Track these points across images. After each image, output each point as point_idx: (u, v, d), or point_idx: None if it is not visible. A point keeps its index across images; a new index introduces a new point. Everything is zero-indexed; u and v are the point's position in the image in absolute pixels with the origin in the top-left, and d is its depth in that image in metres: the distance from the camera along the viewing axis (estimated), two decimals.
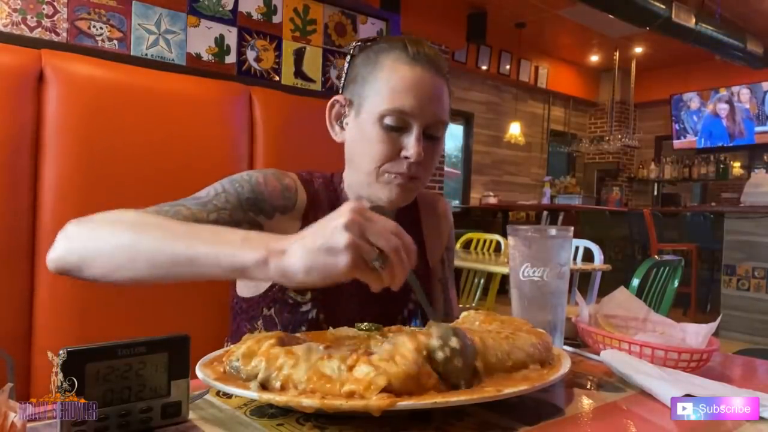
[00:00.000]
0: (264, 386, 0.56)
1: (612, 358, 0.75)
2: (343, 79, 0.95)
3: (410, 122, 0.85)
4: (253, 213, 0.86)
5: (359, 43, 0.94)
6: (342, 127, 0.94)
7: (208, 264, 0.61)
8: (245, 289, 0.95)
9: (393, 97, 0.84)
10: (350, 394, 0.52)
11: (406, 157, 0.85)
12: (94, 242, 0.69)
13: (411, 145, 0.84)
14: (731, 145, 7.85)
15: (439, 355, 0.56)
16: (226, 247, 0.60)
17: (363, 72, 0.89)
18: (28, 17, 1.22)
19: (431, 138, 0.88)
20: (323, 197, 0.94)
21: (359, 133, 0.89)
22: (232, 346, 0.63)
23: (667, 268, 2.55)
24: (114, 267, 0.67)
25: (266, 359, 0.56)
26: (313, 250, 0.55)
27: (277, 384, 0.55)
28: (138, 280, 0.67)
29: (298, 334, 0.71)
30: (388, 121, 0.84)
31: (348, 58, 0.95)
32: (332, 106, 0.94)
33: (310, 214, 0.90)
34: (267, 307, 0.91)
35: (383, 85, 0.85)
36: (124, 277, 0.67)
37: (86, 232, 0.71)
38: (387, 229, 0.57)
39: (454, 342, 0.57)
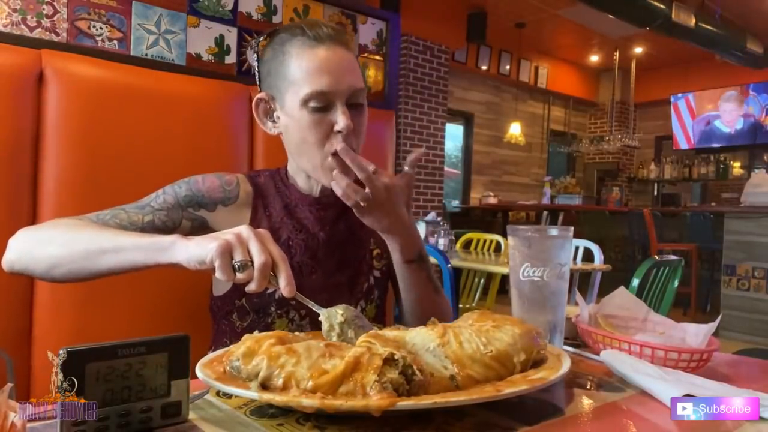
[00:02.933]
0: (265, 385, 0.56)
1: (612, 358, 0.75)
2: (256, 76, 0.99)
3: (332, 99, 0.89)
4: (192, 209, 0.94)
5: (260, 38, 0.98)
6: (274, 122, 0.97)
7: (131, 248, 0.75)
8: (218, 288, 1.00)
9: (309, 81, 0.88)
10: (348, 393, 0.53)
11: (339, 131, 0.89)
12: (38, 245, 0.82)
13: (340, 119, 0.89)
14: (731, 145, 7.84)
15: (333, 336, 0.68)
16: (143, 242, 0.76)
17: (274, 65, 0.93)
18: (28, 17, 1.22)
19: (355, 106, 0.92)
20: (270, 187, 1.01)
21: (291, 123, 0.93)
22: (231, 346, 0.63)
23: (667, 268, 2.55)
24: (54, 263, 0.80)
25: (267, 357, 0.56)
26: (201, 242, 0.70)
27: (279, 382, 0.55)
28: (74, 272, 0.79)
29: (297, 333, 0.71)
30: (312, 104, 0.89)
31: (255, 56, 0.99)
32: (257, 104, 0.98)
33: (259, 202, 0.99)
34: (238, 298, 0.97)
35: (296, 72, 0.89)
36: (63, 270, 0.80)
37: (32, 238, 0.83)
38: (264, 248, 0.69)
39: (339, 318, 0.69)
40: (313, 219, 1.00)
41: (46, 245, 0.81)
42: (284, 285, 0.69)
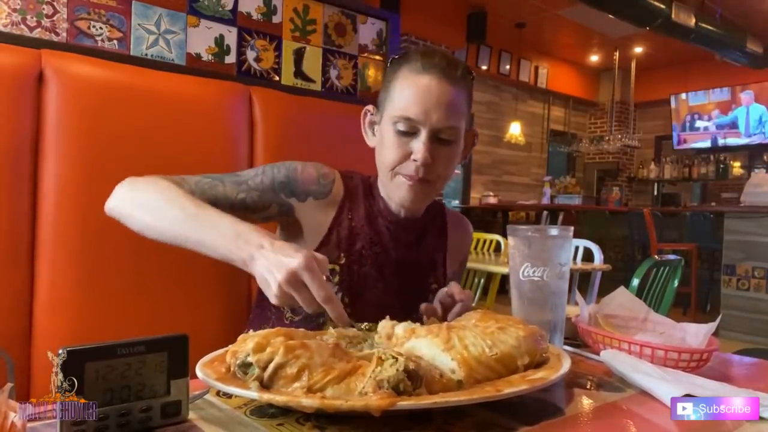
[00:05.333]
0: (266, 384, 0.56)
1: (612, 358, 0.75)
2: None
3: (418, 128, 0.91)
4: (284, 195, 0.96)
5: (396, 56, 1.00)
6: (374, 133, 1.01)
7: (208, 248, 0.79)
8: None
9: (402, 104, 0.91)
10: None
11: (415, 160, 0.92)
12: (135, 206, 0.87)
13: (418, 149, 0.91)
14: (731, 145, 7.84)
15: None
16: (221, 240, 0.78)
17: (386, 82, 0.97)
18: (28, 17, 1.22)
19: (443, 142, 0.93)
20: (360, 193, 1.03)
21: (380, 138, 0.97)
22: (230, 346, 0.63)
23: (667, 268, 2.55)
24: (145, 228, 0.86)
25: (284, 347, 0.57)
26: (268, 269, 0.72)
27: (294, 369, 0.56)
28: (161, 240, 0.85)
29: (300, 330, 0.71)
30: (399, 126, 0.92)
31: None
32: (365, 115, 1.03)
33: (346, 205, 1.00)
34: None
35: (397, 92, 0.93)
36: (152, 235, 0.86)
37: (131, 197, 0.89)
38: (313, 299, 0.71)
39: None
40: (389, 236, 1.01)
41: (142, 210, 0.86)
42: (336, 319, 0.72)
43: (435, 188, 0.98)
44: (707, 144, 7.87)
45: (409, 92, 0.91)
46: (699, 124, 7.83)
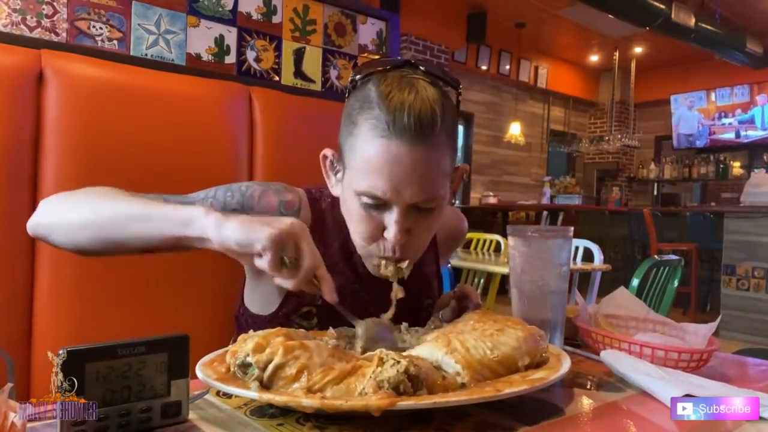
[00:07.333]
0: (266, 384, 0.56)
1: (612, 358, 0.75)
2: None
3: (389, 203, 0.74)
4: None
5: (356, 76, 0.79)
6: (338, 180, 0.83)
7: (160, 217, 0.70)
8: (254, 304, 0.90)
9: (367, 176, 0.73)
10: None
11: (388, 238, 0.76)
12: (66, 207, 0.77)
13: (390, 225, 0.75)
14: (731, 145, 7.85)
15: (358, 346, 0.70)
16: (174, 209, 0.71)
17: (347, 123, 0.77)
18: (28, 17, 1.22)
19: (423, 210, 0.76)
20: (330, 221, 0.88)
21: (344, 202, 0.81)
22: (230, 346, 0.63)
23: (666, 268, 2.55)
24: (79, 226, 0.74)
25: (284, 348, 0.57)
26: (248, 225, 0.65)
27: (293, 370, 0.56)
28: (100, 238, 0.74)
29: (300, 330, 0.71)
30: (365, 199, 0.75)
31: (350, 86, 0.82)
32: (323, 158, 0.85)
33: (316, 237, 0.80)
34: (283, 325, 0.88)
35: (359, 157, 0.74)
36: (88, 234, 0.74)
37: (61, 201, 0.78)
38: (314, 250, 0.66)
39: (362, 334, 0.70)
40: (368, 273, 0.84)
41: (74, 208, 0.75)
42: (328, 291, 0.67)
43: (414, 260, 0.81)
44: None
45: (374, 162, 0.72)
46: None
